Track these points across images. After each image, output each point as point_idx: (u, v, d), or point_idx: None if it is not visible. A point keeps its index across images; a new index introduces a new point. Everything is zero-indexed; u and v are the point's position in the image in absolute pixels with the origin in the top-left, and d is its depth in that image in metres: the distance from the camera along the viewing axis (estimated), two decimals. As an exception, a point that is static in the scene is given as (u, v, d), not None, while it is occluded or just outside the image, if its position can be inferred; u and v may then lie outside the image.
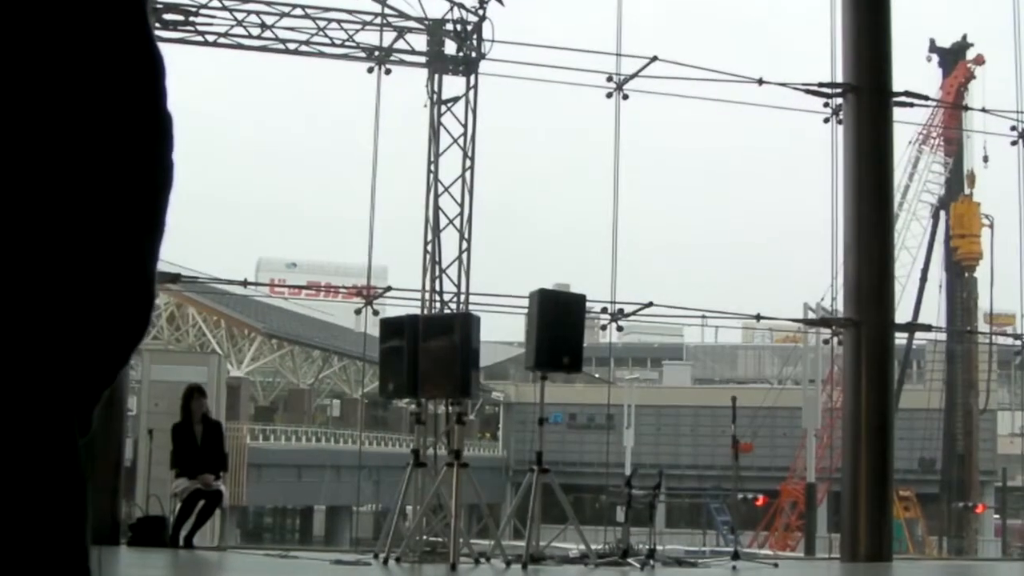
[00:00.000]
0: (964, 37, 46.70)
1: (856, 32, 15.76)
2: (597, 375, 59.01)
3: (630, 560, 12.84)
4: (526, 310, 13.49)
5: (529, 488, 12.37)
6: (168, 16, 15.84)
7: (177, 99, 1.59)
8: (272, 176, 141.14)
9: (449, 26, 16.58)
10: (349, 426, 54.00)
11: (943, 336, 44.56)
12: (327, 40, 16.73)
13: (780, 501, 49.44)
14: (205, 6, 16.25)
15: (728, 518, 47.75)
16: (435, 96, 16.48)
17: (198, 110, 78.79)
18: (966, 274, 46.50)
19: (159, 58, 1.56)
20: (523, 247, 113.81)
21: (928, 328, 23.23)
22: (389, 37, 16.69)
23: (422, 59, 16.70)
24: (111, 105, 1.49)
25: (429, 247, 16.29)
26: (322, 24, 16.66)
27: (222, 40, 16.49)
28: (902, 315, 32.58)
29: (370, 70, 16.65)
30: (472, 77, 16.47)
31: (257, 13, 16.40)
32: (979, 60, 45.12)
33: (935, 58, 46.15)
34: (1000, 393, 56.29)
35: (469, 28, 16.51)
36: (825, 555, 26.11)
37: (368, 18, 16.72)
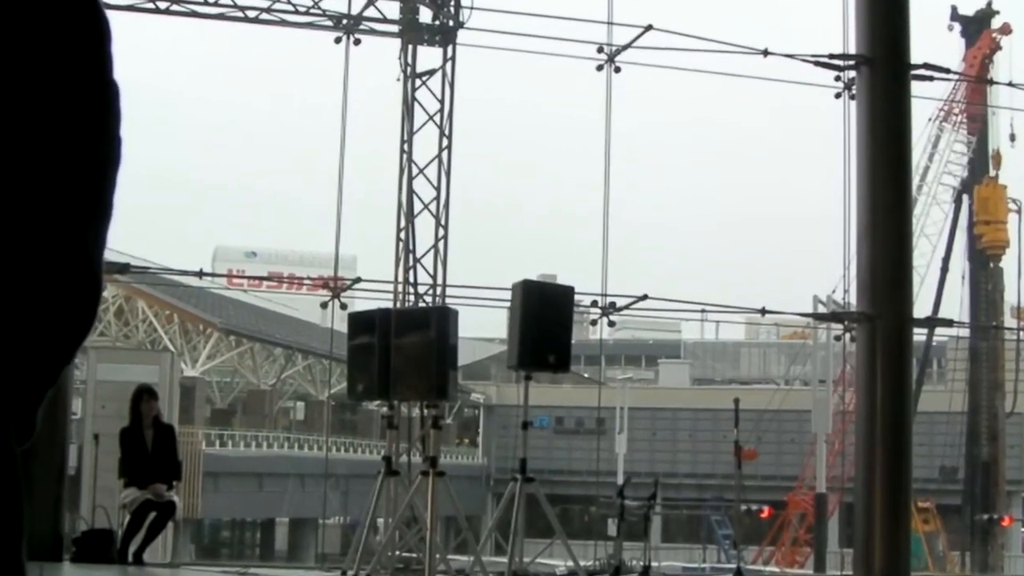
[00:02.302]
0: (989, 4, 46.76)
1: (871, -1, 15.77)
2: (587, 375, 59.09)
3: (623, 577, 12.89)
4: (508, 303, 13.50)
5: (512, 499, 12.39)
6: (115, -20, 15.78)
7: (127, 71, 1.59)
8: (231, 156, 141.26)
9: (424, -9, 16.59)
10: (314, 431, 53.93)
11: (966, 332, 44.60)
12: (290, 7, 16.70)
13: (787, 513, 49.53)
14: (156, -31, 16.21)
15: (730, 532, 47.83)
16: (409, 69, 16.48)
17: (149, 83, 78.65)
18: (991, 264, 46.61)
19: (104, 21, 1.55)
20: (505, 234, 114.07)
21: (949, 323, 23.23)
22: (358, 4, 16.68)
23: (394, 28, 16.68)
24: (51, 72, 1.46)
25: (402, 234, 16.29)
26: (285, -11, 16.63)
27: (175, 7, 16.44)
28: (921, 309, 32.71)
29: (338, 40, 16.62)
30: (449, 48, 16.46)
31: (213, -23, 16.38)
32: (1005, 29, 45.17)
33: (957, 27, 46.23)
34: (1028, 394, 56.44)
35: (446, -6, 16.51)
36: (836, 572, 26.22)
37: (335, -18, 16.71)
